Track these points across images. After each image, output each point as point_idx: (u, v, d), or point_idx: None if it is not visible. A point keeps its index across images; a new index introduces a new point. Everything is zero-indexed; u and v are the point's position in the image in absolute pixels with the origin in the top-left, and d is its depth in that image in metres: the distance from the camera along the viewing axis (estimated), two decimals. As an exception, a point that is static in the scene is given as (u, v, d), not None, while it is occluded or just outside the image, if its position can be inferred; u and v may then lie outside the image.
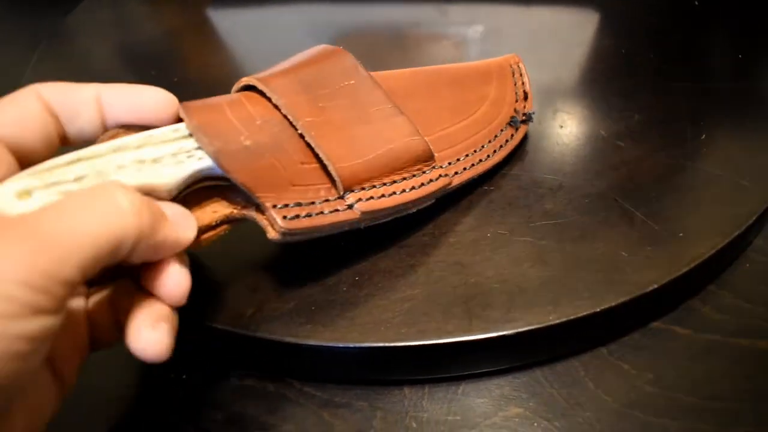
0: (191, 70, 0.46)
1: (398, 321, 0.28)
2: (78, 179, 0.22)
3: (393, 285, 0.29)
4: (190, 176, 0.25)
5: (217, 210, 0.26)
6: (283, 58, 0.39)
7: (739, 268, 0.33)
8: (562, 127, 0.38)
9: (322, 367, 0.29)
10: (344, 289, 0.29)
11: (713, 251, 0.30)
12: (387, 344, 0.27)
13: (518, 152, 0.36)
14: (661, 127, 0.38)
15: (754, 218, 0.31)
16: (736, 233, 0.31)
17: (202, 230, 0.25)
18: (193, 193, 0.26)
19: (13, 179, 0.21)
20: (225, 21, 0.51)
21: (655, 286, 0.29)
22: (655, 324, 0.31)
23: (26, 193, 0.21)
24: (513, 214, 0.32)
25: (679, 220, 0.32)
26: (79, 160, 0.23)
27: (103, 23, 0.52)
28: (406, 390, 0.29)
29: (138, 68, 0.46)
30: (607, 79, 0.42)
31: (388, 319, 0.28)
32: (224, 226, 0.26)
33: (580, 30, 0.47)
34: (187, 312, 0.27)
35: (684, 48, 0.45)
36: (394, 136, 0.29)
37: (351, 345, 0.27)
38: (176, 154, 0.24)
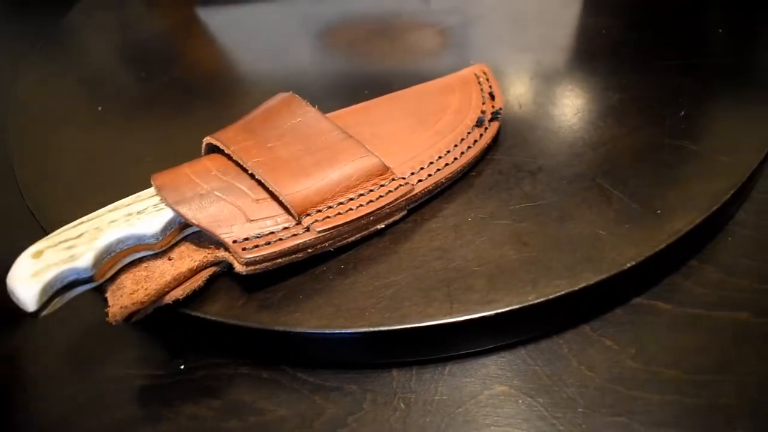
0: (183, 68, 0.47)
1: (382, 306, 0.29)
2: (79, 236, 0.28)
3: (377, 272, 0.30)
4: (169, 222, 0.29)
5: (193, 257, 0.30)
6: (274, 52, 0.40)
7: (721, 241, 0.34)
8: (543, 110, 0.38)
9: (312, 353, 0.31)
10: (330, 277, 0.30)
11: (691, 226, 0.31)
12: (371, 329, 0.28)
13: (499, 138, 0.37)
14: (642, 105, 0.38)
15: (731, 193, 0.32)
16: (714, 208, 0.31)
17: (183, 279, 0.29)
18: (176, 248, 0.30)
19: (32, 246, 0.28)
20: (215, 19, 0.51)
21: (633, 263, 0.29)
22: (637, 300, 0.32)
23: (39, 253, 0.27)
24: (493, 198, 0.33)
25: (657, 198, 0.32)
26: (81, 223, 0.29)
27: (99, 24, 0.54)
28: (395, 372, 0.30)
29: (133, 68, 0.48)
30: (588, 60, 0.42)
31: (372, 305, 0.29)
32: (203, 274, 0.30)
33: (562, 13, 0.47)
34: (181, 304, 0.29)
35: (666, 26, 0.45)
36: (343, 158, 0.31)
37: (337, 331, 0.28)
38: (157, 205, 0.30)
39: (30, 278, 0.27)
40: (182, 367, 0.32)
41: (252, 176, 0.30)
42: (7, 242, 0.37)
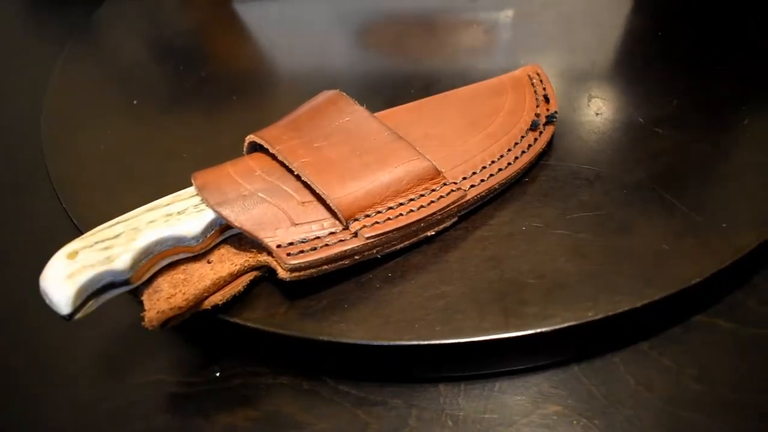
0: (219, 63, 0.45)
1: (432, 318, 0.27)
2: (116, 236, 0.27)
3: (426, 281, 0.29)
4: (210, 223, 0.28)
5: (234, 262, 0.28)
6: (310, 49, 0.39)
7: (786, 258, 0.32)
8: (598, 114, 0.37)
9: (357, 365, 0.29)
10: (377, 285, 0.29)
11: (759, 242, 0.29)
12: (422, 342, 0.27)
13: (553, 142, 0.35)
14: (702, 112, 0.36)
15: (802, 206, 0.30)
16: (784, 223, 0.29)
17: (223, 283, 0.28)
18: (216, 251, 0.29)
19: (66, 245, 0.26)
20: (252, 14, 0.50)
21: (698, 279, 0.28)
22: (697, 317, 0.30)
23: (74, 253, 0.26)
24: (548, 206, 0.31)
25: (722, 210, 0.30)
26: (117, 222, 0.28)
27: (132, 17, 0.52)
28: (442, 387, 0.29)
29: (169, 62, 0.46)
30: (643, 63, 0.40)
31: (422, 316, 0.28)
32: (244, 278, 0.29)
33: (614, 12, 0.45)
34: (220, 310, 0.28)
35: (724, 29, 0.43)
36: (393, 161, 0.30)
37: (385, 343, 0.27)
38: (198, 205, 0.28)
39: (65, 280, 0.25)
40: (218, 374, 0.31)
41: (298, 177, 0.29)
42: (40, 241, 0.37)
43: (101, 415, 0.30)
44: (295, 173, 0.29)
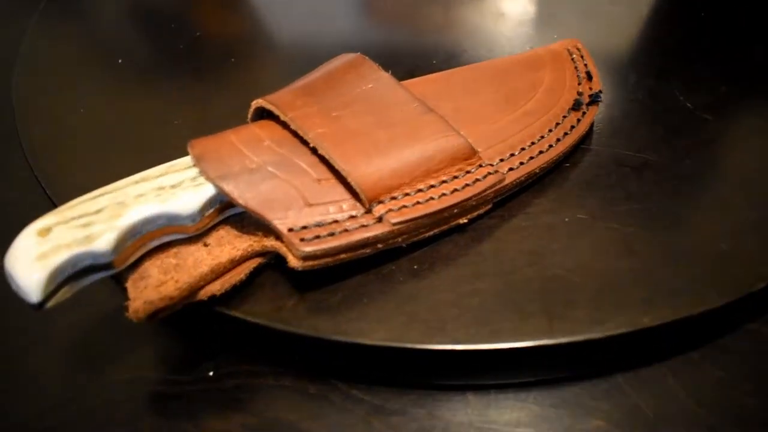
0: (216, 23, 0.42)
1: (467, 319, 0.24)
2: (98, 211, 0.23)
3: (458, 276, 0.26)
4: (210, 200, 0.24)
5: (235, 246, 0.25)
6: (318, 9, 0.35)
7: None
8: (641, 97, 0.34)
9: (374, 369, 0.26)
10: (401, 279, 0.26)
11: (826, 244, 0.26)
12: (455, 347, 0.23)
13: (595, 126, 0.32)
14: (752, 99, 0.34)
15: None
16: None
17: (222, 270, 0.25)
18: (214, 233, 0.25)
19: (38, 220, 0.23)
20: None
21: (764, 284, 0.25)
22: (750, 326, 0.27)
23: (46, 230, 0.22)
24: (593, 196, 0.28)
25: (785, 207, 0.28)
26: (101, 194, 0.24)
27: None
28: (470, 396, 0.26)
29: (157, 20, 0.42)
30: (687, 44, 0.38)
31: (454, 316, 0.24)
32: (246, 265, 0.25)
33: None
34: (217, 301, 0.25)
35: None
36: (423, 136, 0.26)
37: (411, 346, 0.24)
38: (195, 178, 0.25)
39: (34, 262, 0.22)
40: (210, 373, 0.27)
41: (313, 151, 0.25)
42: (10, 216, 0.33)
43: (73, 416, 0.26)
44: (311, 145, 0.25)
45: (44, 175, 0.31)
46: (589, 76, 0.31)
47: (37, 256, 0.22)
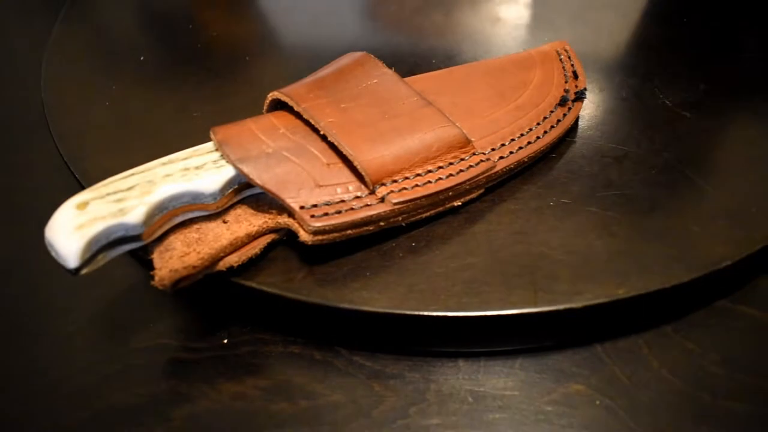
0: (231, 24, 0.44)
1: (459, 290, 0.27)
2: (130, 188, 0.25)
3: (452, 252, 0.28)
4: (230, 180, 0.27)
5: (252, 222, 0.27)
6: (326, 15, 0.38)
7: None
8: (623, 94, 0.36)
9: (375, 336, 0.28)
10: (400, 255, 0.28)
11: (789, 228, 0.28)
12: (448, 313, 0.26)
13: (581, 121, 0.34)
14: (729, 97, 0.36)
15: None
16: (814, 210, 0.29)
17: (239, 244, 0.27)
18: (232, 211, 0.28)
19: (75, 195, 0.25)
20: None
21: (729, 262, 0.27)
22: (721, 302, 0.30)
23: (84, 204, 0.25)
24: (576, 183, 0.31)
25: (751, 195, 0.30)
26: (132, 174, 0.26)
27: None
28: (461, 363, 0.28)
29: (176, 21, 0.44)
30: (668, 46, 0.40)
31: (448, 287, 0.27)
32: (261, 240, 0.28)
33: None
34: (233, 273, 0.27)
35: (750, 15, 0.42)
36: (422, 126, 0.29)
37: (409, 313, 0.26)
38: (217, 161, 0.27)
39: (73, 231, 0.24)
40: (225, 341, 0.29)
41: (323, 138, 0.28)
42: (42, 196, 0.35)
43: (100, 378, 0.28)
44: (321, 133, 0.28)
45: (73, 160, 0.33)
46: (576, 75, 0.34)
47: (75, 227, 0.24)
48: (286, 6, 0.46)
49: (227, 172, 0.27)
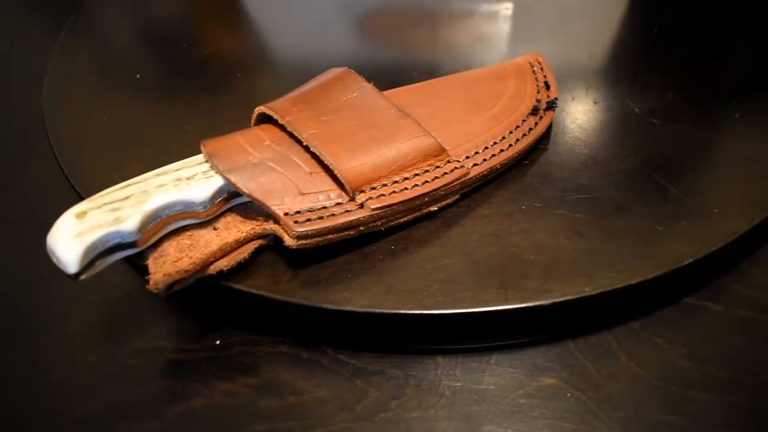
0: (222, 43, 0.46)
1: (435, 289, 0.28)
2: (125, 198, 0.27)
3: (429, 254, 0.30)
4: (219, 190, 0.28)
5: (240, 229, 0.29)
6: (312, 33, 0.39)
7: (772, 245, 0.33)
8: (595, 103, 0.38)
9: (357, 335, 0.30)
10: (380, 257, 0.30)
11: (749, 227, 0.30)
12: (424, 311, 0.27)
13: (553, 129, 0.36)
14: (695, 105, 0.37)
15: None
16: (772, 210, 0.31)
17: (229, 249, 0.29)
18: (222, 219, 0.29)
19: (75, 206, 0.27)
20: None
21: (691, 260, 0.29)
22: (687, 299, 0.31)
23: (83, 213, 0.26)
24: (547, 187, 0.32)
25: (714, 197, 0.32)
26: (128, 185, 0.28)
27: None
28: (439, 359, 0.29)
29: (171, 40, 0.46)
30: (640, 56, 0.42)
31: (424, 287, 0.28)
32: (249, 246, 0.29)
33: (611, 7, 0.47)
34: (223, 277, 0.28)
35: (718, 26, 0.44)
36: (399, 136, 0.30)
37: (388, 311, 0.28)
38: (207, 172, 0.29)
39: (73, 239, 0.26)
40: (217, 342, 0.31)
41: (306, 149, 0.29)
42: (41, 206, 0.37)
43: (99, 378, 0.30)
44: (304, 144, 0.29)
45: (72, 172, 0.35)
46: (548, 86, 0.35)
47: (75, 234, 0.26)
48: (277, 24, 0.48)
49: (216, 182, 0.29)
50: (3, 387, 0.30)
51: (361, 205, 0.29)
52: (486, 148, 0.32)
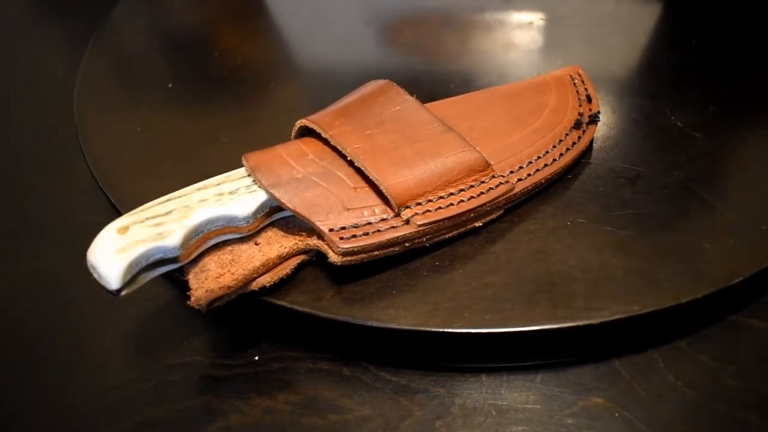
0: (254, 52, 0.45)
1: (482, 307, 0.28)
2: (168, 213, 0.27)
3: (474, 271, 0.29)
4: (262, 205, 0.28)
5: (283, 244, 0.29)
6: (340, 42, 0.39)
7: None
8: (635, 117, 0.37)
9: (400, 352, 0.29)
10: (425, 273, 0.29)
11: (798, 245, 0.30)
12: (472, 330, 0.27)
13: (594, 142, 0.35)
14: (737, 118, 0.37)
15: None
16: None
17: (271, 265, 0.28)
18: (263, 234, 0.29)
19: (116, 220, 0.26)
20: (280, 6, 0.50)
21: (741, 278, 0.28)
22: (733, 317, 0.31)
23: (125, 228, 0.26)
24: (592, 203, 0.32)
25: (761, 213, 0.31)
26: (169, 200, 0.28)
27: (168, 2, 0.52)
28: (484, 377, 0.29)
29: (202, 49, 0.46)
30: (679, 69, 0.41)
31: (470, 305, 0.28)
32: (292, 261, 0.29)
33: (644, 19, 0.46)
34: (265, 292, 0.28)
35: (757, 37, 0.44)
36: (444, 151, 0.30)
37: (434, 329, 0.27)
38: (249, 186, 0.28)
39: (115, 254, 0.25)
40: (256, 358, 0.30)
41: (350, 163, 0.29)
42: (76, 217, 0.37)
43: (136, 393, 0.29)
44: (348, 159, 0.29)
45: (107, 184, 0.34)
46: (589, 99, 0.35)
47: (117, 250, 0.25)
48: (306, 33, 0.48)
49: (260, 196, 0.28)
50: (40, 402, 0.29)
51: (407, 221, 0.28)
52: (530, 162, 0.31)
